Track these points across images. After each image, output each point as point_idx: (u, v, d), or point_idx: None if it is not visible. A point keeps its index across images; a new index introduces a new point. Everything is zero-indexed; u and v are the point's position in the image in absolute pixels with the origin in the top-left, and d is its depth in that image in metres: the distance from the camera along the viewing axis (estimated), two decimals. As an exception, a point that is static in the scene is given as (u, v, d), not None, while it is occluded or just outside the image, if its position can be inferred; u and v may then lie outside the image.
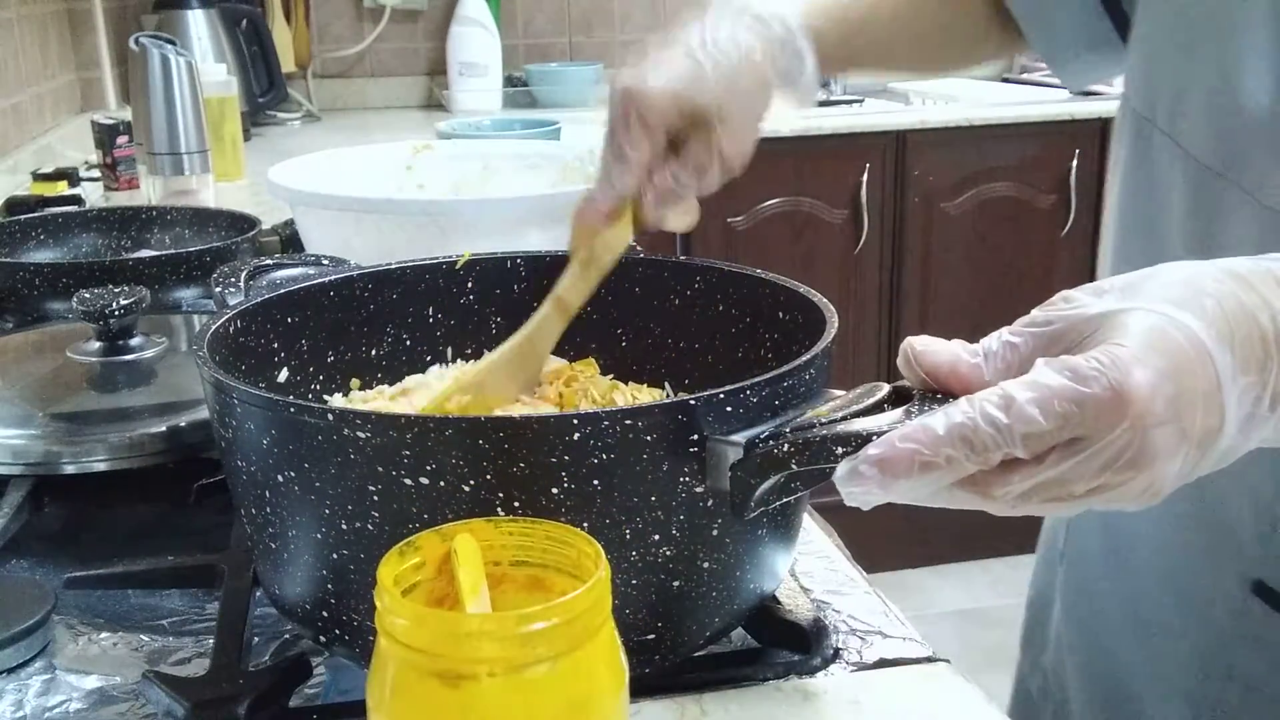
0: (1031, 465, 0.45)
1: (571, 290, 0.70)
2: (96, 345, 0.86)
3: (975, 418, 0.45)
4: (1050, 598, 0.92)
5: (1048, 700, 0.90)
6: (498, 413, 0.66)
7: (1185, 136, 0.70)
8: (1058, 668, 0.89)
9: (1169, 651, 0.78)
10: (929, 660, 0.61)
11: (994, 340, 0.48)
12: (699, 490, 0.52)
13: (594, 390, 0.70)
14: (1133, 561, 0.80)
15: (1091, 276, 1.83)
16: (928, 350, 0.49)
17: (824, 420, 0.50)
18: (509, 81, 2.91)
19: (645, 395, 0.72)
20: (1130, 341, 0.45)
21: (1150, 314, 0.46)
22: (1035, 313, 0.49)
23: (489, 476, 0.50)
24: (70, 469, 0.74)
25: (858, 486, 0.46)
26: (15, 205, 1.58)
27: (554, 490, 0.50)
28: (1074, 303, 0.48)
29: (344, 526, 0.53)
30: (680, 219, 0.71)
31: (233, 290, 0.70)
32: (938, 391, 0.49)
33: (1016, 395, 0.44)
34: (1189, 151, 0.69)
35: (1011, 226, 2.65)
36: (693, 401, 0.51)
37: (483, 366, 0.69)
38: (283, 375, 0.70)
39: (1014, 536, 2.46)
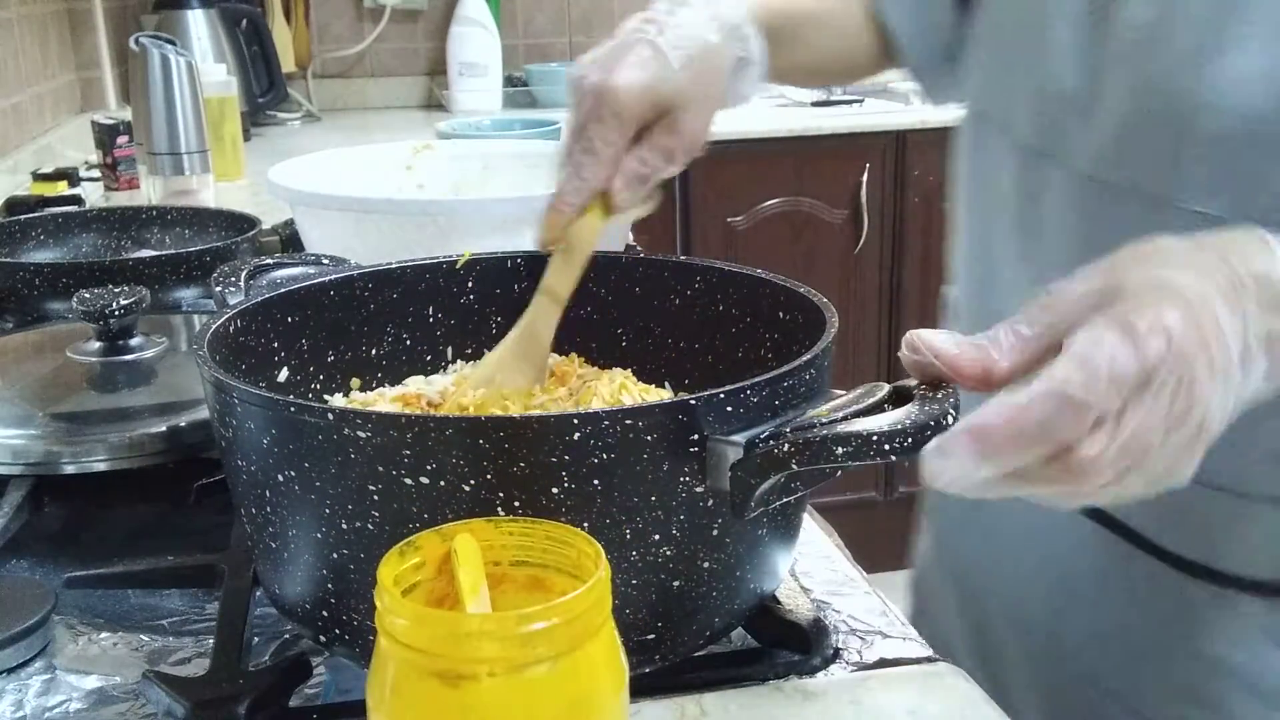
0: (1112, 424, 0.47)
1: (557, 279, 0.71)
2: (96, 345, 0.86)
3: (1059, 378, 0.46)
4: (928, 552, 0.97)
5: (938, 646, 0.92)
6: (496, 412, 0.66)
7: (1013, 123, 0.78)
8: (940, 615, 0.93)
9: (1023, 584, 0.82)
10: (929, 660, 0.61)
11: (997, 330, 0.50)
12: (699, 490, 0.52)
13: (603, 390, 0.70)
14: (986, 502, 0.81)
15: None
16: (935, 335, 0.50)
17: (824, 420, 0.50)
18: (509, 81, 2.91)
19: (654, 396, 0.72)
20: (1145, 293, 0.48)
21: (1144, 274, 0.50)
22: (1027, 307, 0.51)
23: (489, 476, 0.50)
24: (70, 469, 0.74)
25: (949, 460, 0.47)
26: (15, 205, 1.58)
27: (554, 490, 0.50)
28: (1062, 291, 0.51)
29: (344, 526, 0.53)
30: (645, 205, 0.73)
31: (233, 290, 0.70)
32: (940, 386, 0.49)
33: (1086, 352, 0.47)
34: (1015, 138, 0.77)
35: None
36: (693, 401, 0.51)
37: (490, 362, 0.71)
38: (283, 375, 0.70)
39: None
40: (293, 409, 0.53)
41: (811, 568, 0.71)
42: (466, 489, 0.50)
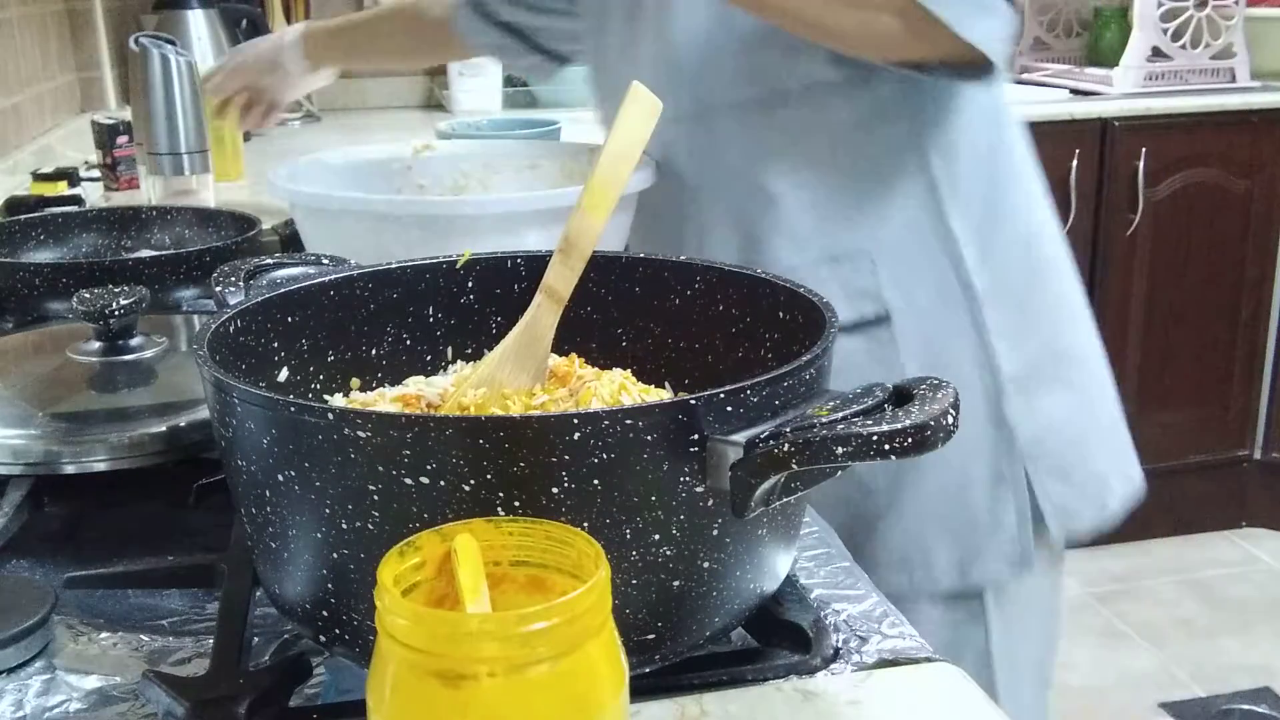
0: None
1: (558, 279, 0.72)
2: (96, 345, 0.86)
3: None
4: None
5: None
6: (496, 412, 0.66)
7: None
8: None
9: None
10: (929, 660, 0.61)
11: None
12: (699, 490, 0.52)
13: (603, 390, 0.70)
14: None
15: (1091, 278, 1.91)
16: None
17: (824, 420, 0.50)
18: (509, 81, 2.91)
19: (654, 396, 0.72)
20: None
21: None
22: None
23: (489, 476, 0.50)
24: (70, 469, 0.74)
25: None
26: (15, 205, 1.58)
27: (554, 490, 0.50)
28: None
29: (344, 526, 0.53)
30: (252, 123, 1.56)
31: (233, 290, 0.70)
32: (940, 386, 0.50)
33: None
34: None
35: (1011, 226, 2.65)
36: (693, 401, 0.51)
37: (490, 362, 0.71)
38: (283, 375, 0.70)
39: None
40: (293, 409, 0.53)
41: (811, 568, 0.71)
42: (466, 489, 0.50)
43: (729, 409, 0.52)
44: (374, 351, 0.75)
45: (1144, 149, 2.63)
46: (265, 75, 1.52)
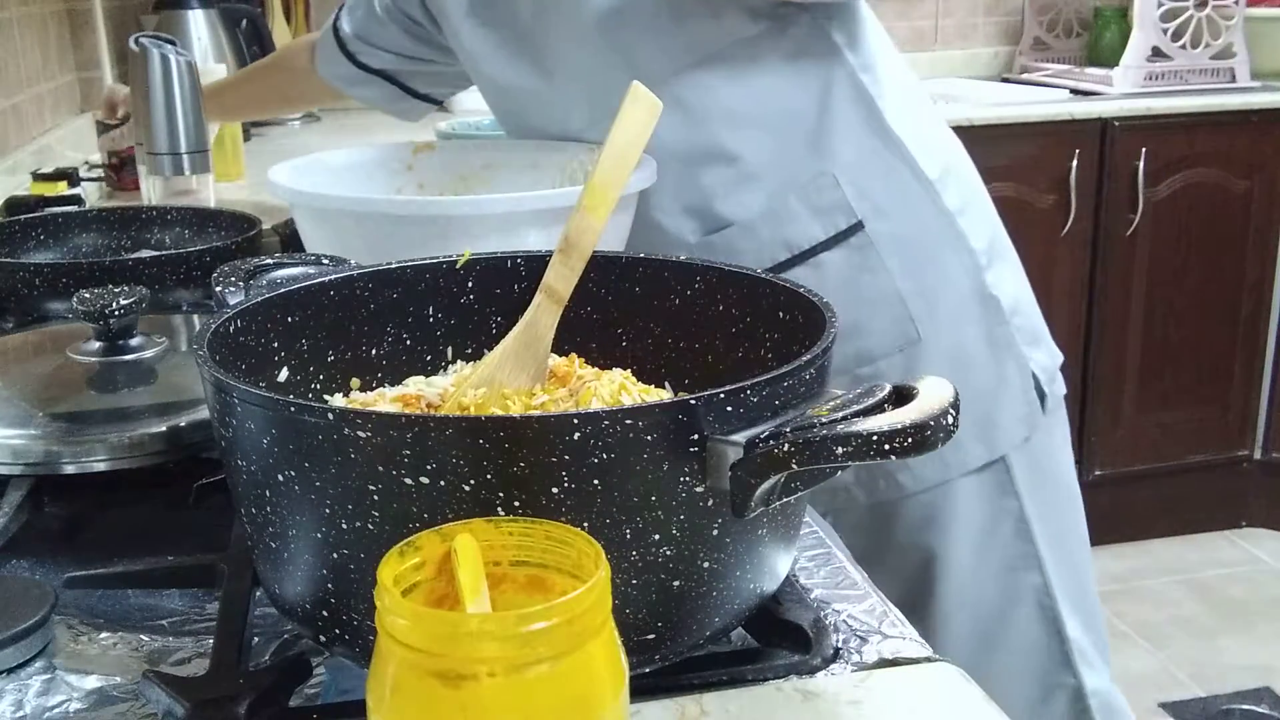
0: None
1: (558, 279, 0.72)
2: (96, 345, 0.86)
3: None
4: None
5: None
6: (496, 412, 0.66)
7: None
8: None
9: None
10: (929, 660, 0.61)
11: None
12: (699, 490, 0.52)
13: (603, 390, 0.70)
14: None
15: (1092, 277, 1.91)
16: None
17: (824, 420, 0.50)
18: (509, 81, 2.90)
19: (654, 396, 0.72)
20: None
21: None
22: None
23: (489, 476, 0.50)
24: (70, 469, 0.74)
25: None
26: (15, 205, 1.58)
27: (554, 490, 0.50)
28: None
29: (344, 526, 0.53)
30: None
31: (233, 290, 0.70)
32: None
33: None
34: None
35: (1011, 226, 2.62)
36: (693, 401, 0.51)
37: (490, 362, 0.71)
38: (283, 375, 0.70)
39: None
40: (293, 409, 0.53)
41: (811, 568, 0.71)
42: (466, 489, 0.50)
43: (729, 409, 0.52)
44: (374, 351, 0.75)
45: (1144, 149, 2.63)
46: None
